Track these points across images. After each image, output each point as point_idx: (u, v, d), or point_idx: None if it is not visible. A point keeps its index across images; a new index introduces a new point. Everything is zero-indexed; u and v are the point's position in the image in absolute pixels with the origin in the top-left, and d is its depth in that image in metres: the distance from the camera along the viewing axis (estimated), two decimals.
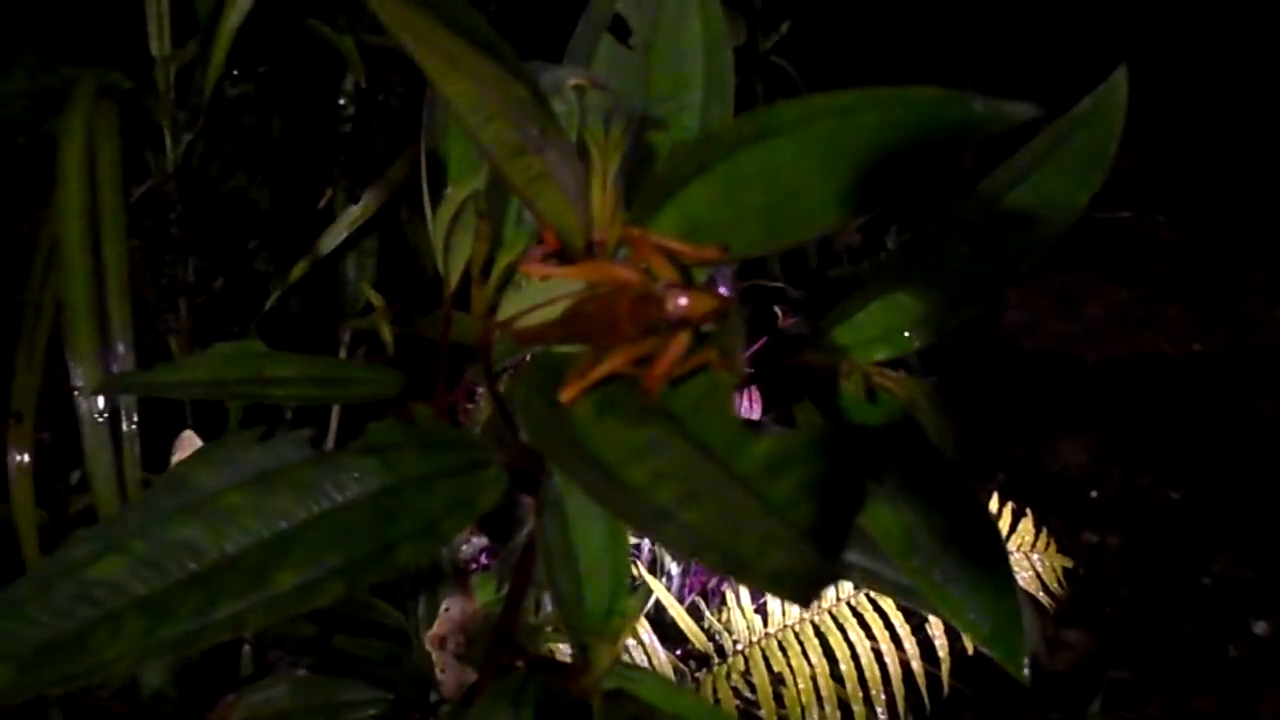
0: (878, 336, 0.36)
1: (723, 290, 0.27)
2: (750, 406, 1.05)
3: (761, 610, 1.09)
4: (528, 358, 0.36)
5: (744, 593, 1.09)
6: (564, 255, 0.33)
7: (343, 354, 1.20)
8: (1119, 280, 2.27)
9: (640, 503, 0.22)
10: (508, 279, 0.36)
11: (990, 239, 0.32)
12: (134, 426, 0.68)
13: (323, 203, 1.26)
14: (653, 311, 0.26)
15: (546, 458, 0.26)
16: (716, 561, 0.20)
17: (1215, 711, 1.46)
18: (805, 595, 0.19)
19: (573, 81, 0.35)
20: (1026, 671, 0.32)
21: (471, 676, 0.61)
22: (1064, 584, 1.04)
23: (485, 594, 0.68)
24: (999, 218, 0.32)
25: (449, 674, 0.61)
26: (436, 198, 0.41)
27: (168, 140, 1.05)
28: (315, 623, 0.76)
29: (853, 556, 0.37)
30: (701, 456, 0.23)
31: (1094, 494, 1.80)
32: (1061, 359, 2.10)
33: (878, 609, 1.02)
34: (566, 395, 0.28)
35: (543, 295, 0.33)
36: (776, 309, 1.33)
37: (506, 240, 0.35)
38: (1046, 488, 1.79)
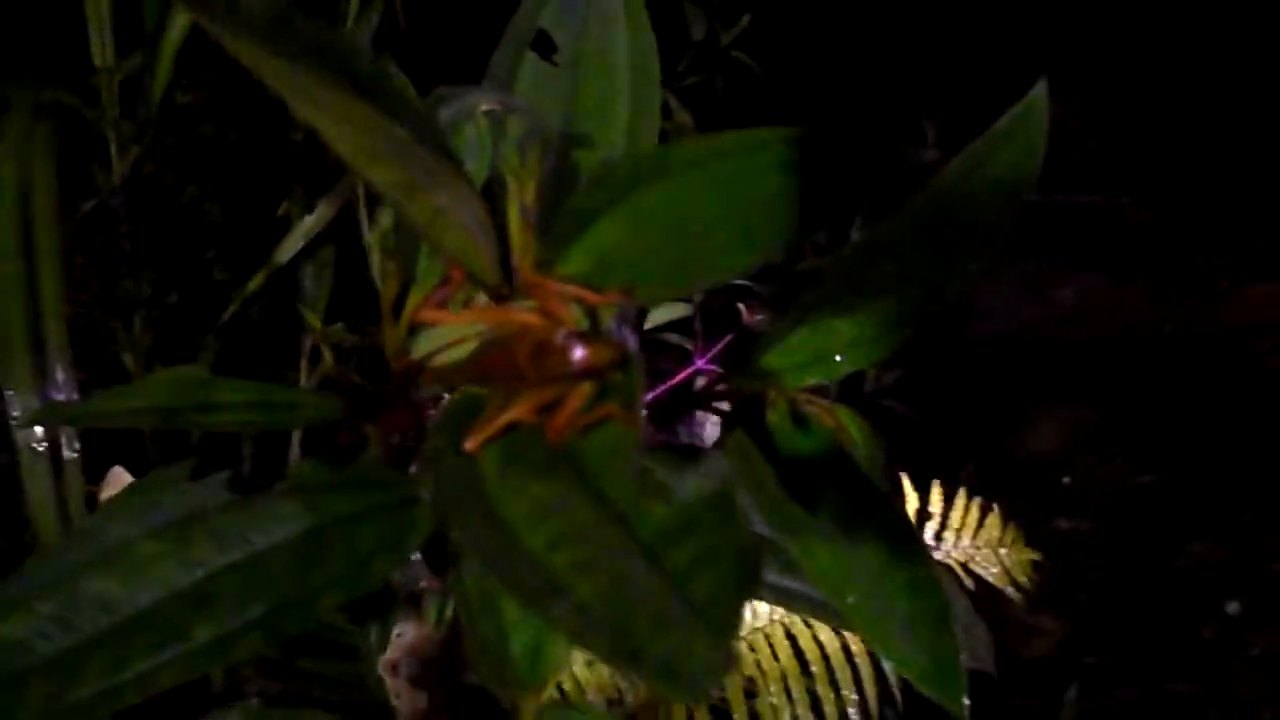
0: (808, 361, 0.35)
1: (627, 337, 0.25)
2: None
3: None
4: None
5: None
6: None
7: (303, 364, 1.19)
8: (1087, 264, 2.27)
9: (535, 570, 0.21)
10: None
11: (915, 262, 0.31)
12: (75, 454, 0.66)
13: (281, 211, 1.24)
14: (553, 359, 0.25)
15: (442, 514, 0.25)
16: (607, 648, 0.18)
17: (1191, 694, 1.47)
18: (697, 690, 0.17)
19: (484, 106, 0.34)
20: (967, 708, 0.31)
21: (425, 703, 0.59)
22: (1032, 577, 1.04)
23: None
24: (923, 240, 0.31)
25: (404, 700, 0.60)
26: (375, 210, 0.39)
27: (114, 153, 1.02)
28: (277, 646, 0.75)
29: (789, 582, 0.36)
30: (604, 517, 0.22)
31: (1066, 480, 1.80)
32: (1030, 345, 2.10)
33: None
34: (471, 443, 0.27)
35: (455, 334, 0.32)
36: (740, 305, 1.31)
37: (420, 274, 0.33)
38: (1017, 475, 1.79)
